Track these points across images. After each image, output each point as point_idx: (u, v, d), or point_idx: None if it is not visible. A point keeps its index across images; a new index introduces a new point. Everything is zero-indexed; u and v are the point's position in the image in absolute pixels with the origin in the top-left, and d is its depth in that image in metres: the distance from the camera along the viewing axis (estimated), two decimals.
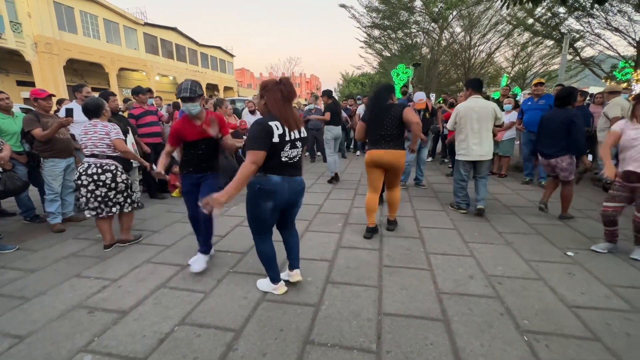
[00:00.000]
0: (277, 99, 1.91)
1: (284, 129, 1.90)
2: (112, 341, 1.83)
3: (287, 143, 1.93)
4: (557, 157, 3.52)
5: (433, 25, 18.70)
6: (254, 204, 2.02)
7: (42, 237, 3.41)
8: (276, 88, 1.91)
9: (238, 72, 51.88)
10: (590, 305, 2.11)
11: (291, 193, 2.05)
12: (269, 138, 1.84)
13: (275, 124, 1.87)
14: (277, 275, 2.27)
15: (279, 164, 1.95)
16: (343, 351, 1.74)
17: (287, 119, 1.92)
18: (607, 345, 1.75)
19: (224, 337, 1.85)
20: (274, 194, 1.97)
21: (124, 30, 21.83)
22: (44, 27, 16.29)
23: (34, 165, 3.52)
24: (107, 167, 2.91)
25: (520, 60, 20.62)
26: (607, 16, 13.49)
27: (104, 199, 2.94)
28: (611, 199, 2.78)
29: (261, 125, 1.85)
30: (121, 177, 2.99)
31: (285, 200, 2.04)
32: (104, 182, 2.89)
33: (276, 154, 1.91)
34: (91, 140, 2.89)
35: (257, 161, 1.84)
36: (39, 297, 2.28)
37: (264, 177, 1.95)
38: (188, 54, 28.41)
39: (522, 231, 3.40)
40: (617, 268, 2.60)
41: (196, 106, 2.49)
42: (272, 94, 1.91)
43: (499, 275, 2.51)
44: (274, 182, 1.95)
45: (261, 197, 1.98)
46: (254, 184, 1.97)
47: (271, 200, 1.98)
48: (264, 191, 1.96)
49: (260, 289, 2.32)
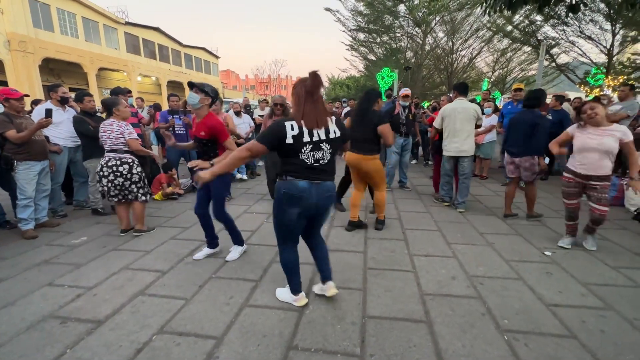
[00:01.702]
0: (300, 96, 1.80)
1: (302, 129, 1.77)
2: (86, 353, 1.75)
3: (307, 144, 1.79)
4: (521, 156, 3.66)
5: (417, 30, 19.10)
6: (280, 210, 1.91)
7: (12, 244, 3.24)
8: (300, 84, 1.81)
9: (223, 74, 51.32)
10: (566, 304, 2.17)
11: (319, 199, 1.90)
12: (278, 137, 1.75)
13: (291, 123, 1.76)
14: (299, 286, 2.16)
15: (302, 167, 1.82)
16: (327, 356, 1.72)
17: (308, 117, 1.78)
18: (583, 342, 1.80)
19: (205, 345, 1.80)
20: (300, 200, 1.85)
21: (104, 29, 21.22)
22: (18, 24, 15.63)
23: (7, 168, 3.33)
24: (124, 159, 3.30)
25: (500, 65, 21.29)
26: (581, 25, 14.15)
27: (122, 187, 3.31)
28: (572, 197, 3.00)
29: (276, 124, 1.78)
30: (136, 169, 3.38)
31: (312, 207, 1.90)
32: (122, 173, 3.27)
33: (294, 156, 1.80)
34: (109, 138, 3.25)
35: (252, 151, 1.80)
36: (7, 308, 2.15)
37: (289, 181, 1.84)
38: (171, 55, 27.89)
39: (502, 232, 3.48)
40: (592, 267, 2.69)
41: (195, 98, 2.54)
42: (295, 92, 1.82)
43: (481, 275, 2.55)
44: (300, 187, 1.83)
45: (286, 203, 1.86)
46: (279, 188, 1.87)
47: (297, 207, 1.86)
48: (288, 196, 1.84)
49: (280, 299, 2.21)
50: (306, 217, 1.96)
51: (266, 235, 3.40)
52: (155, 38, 25.87)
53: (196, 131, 2.65)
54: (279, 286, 2.40)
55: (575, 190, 2.96)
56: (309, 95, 1.79)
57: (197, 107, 2.58)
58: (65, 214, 4.08)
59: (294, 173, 1.83)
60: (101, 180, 3.31)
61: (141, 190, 3.42)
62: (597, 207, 2.82)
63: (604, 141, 2.72)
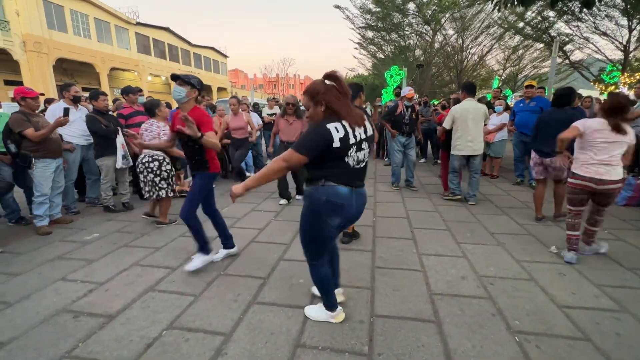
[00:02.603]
0: (338, 96, 1.64)
1: (347, 129, 1.62)
2: (98, 346, 1.78)
3: (353, 146, 1.63)
4: (554, 156, 3.54)
5: (426, 27, 18.90)
6: (317, 220, 1.71)
7: (27, 239, 3.32)
8: (330, 86, 1.65)
9: (232, 73, 51.66)
10: (580, 305, 2.12)
11: (357, 208, 1.76)
12: (323, 144, 1.56)
13: (335, 125, 1.59)
14: (335, 300, 1.98)
15: (345, 171, 1.66)
16: (334, 354, 1.71)
17: (352, 116, 1.65)
18: (596, 345, 1.76)
19: (213, 342, 1.81)
20: (342, 209, 1.69)
21: (116, 29, 21.56)
22: (33, 25, 16.00)
23: (25, 166, 3.41)
24: (156, 157, 3.56)
25: (512, 63, 20.93)
26: (595, 20, 13.79)
27: (153, 183, 3.57)
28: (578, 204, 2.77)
29: (318, 129, 1.58)
30: (166, 166, 3.62)
31: (351, 216, 1.76)
32: (152, 169, 3.54)
33: (342, 160, 1.62)
34: (148, 137, 3.51)
35: (290, 163, 1.59)
36: (22, 302, 2.21)
37: (331, 187, 1.65)
38: (181, 54, 28.20)
39: (513, 232, 3.42)
40: (606, 268, 2.62)
41: (181, 92, 2.38)
42: (331, 94, 1.62)
43: (491, 275, 2.51)
44: (343, 194, 1.66)
45: (328, 213, 1.68)
46: (319, 195, 1.66)
47: (339, 216, 1.70)
48: (332, 205, 1.66)
49: (314, 319, 2.00)
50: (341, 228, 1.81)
51: (273, 233, 3.42)
52: (165, 38, 26.19)
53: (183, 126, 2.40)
54: (286, 284, 2.41)
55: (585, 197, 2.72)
56: (343, 94, 1.65)
57: (184, 101, 2.42)
58: (78, 210, 4.17)
59: (334, 177, 1.65)
60: (139, 175, 3.64)
61: (169, 187, 3.67)
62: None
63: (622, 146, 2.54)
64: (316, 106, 1.64)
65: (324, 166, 1.63)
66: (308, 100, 1.66)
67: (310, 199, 1.70)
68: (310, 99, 1.65)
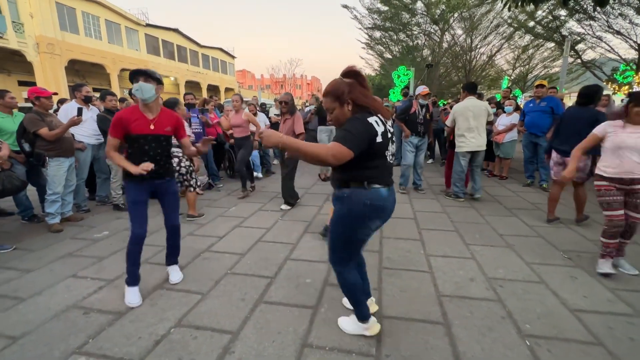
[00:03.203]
0: (363, 92, 1.54)
1: (384, 123, 1.55)
2: (107, 343, 1.80)
3: (389, 140, 1.57)
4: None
5: (434, 27, 18.76)
6: (356, 224, 1.59)
7: (39, 237, 3.39)
8: (353, 83, 1.55)
9: (239, 74, 52.01)
10: (592, 309, 2.07)
11: (393, 207, 1.66)
12: (369, 138, 1.46)
13: (374, 119, 1.49)
14: (367, 310, 1.83)
15: (385, 170, 1.57)
16: (342, 355, 1.71)
17: (383, 110, 1.57)
18: (610, 350, 1.72)
19: (221, 340, 1.82)
20: (384, 211, 1.60)
21: (126, 31, 21.88)
22: (46, 27, 16.33)
23: (39, 164, 3.48)
24: (175, 154, 3.62)
25: (521, 62, 20.66)
26: (609, 19, 13.50)
27: None
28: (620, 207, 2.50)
29: (359, 120, 1.47)
30: (184, 162, 3.71)
31: (387, 216, 1.65)
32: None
33: (380, 157, 1.53)
34: None
35: (337, 158, 1.41)
36: (34, 298, 2.25)
37: (371, 189, 1.54)
38: (189, 55, 28.47)
39: (523, 234, 3.36)
40: (620, 272, 2.56)
41: (151, 89, 2.10)
42: (356, 91, 1.53)
43: (500, 278, 2.47)
44: (383, 195, 1.56)
45: (371, 216, 1.57)
46: (361, 198, 1.54)
47: (380, 219, 1.61)
48: (373, 208, 1.55)
49: (348, 332, 1.87)
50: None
51: (280, 233, 3.42)
52: (174, 39, 26.47)
53: (158, 128, 2.18)
54: (293, 284, 2.41)
55: (619, 198, 2.47)
56: (366, 88, 1.57)
57: (154, 98, 2.15)
58: (89, 209, 4.23)
59: (377, 179, 1.55)
60: None
61: (186, 183, 3.78)
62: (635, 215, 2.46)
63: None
64: (342, 107, 1.54)
65: (365, 166, 1.51)
66: (332, 101, 1.56)
67: (350, 202, 1.57)
68: (335, 100, 1.55)
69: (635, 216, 2.47)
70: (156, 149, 2.20)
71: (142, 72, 2.11)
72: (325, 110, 1.62)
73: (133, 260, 2.22)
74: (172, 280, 2.45)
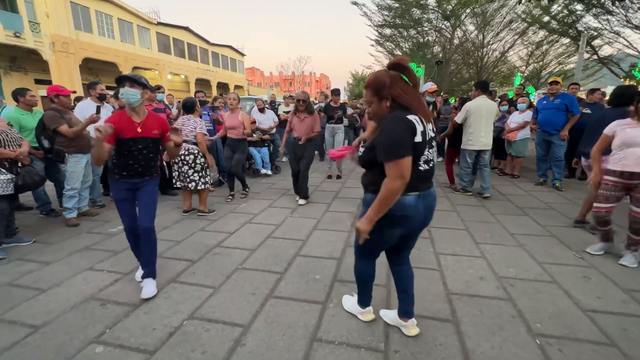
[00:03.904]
0: (406, 88, 1.44)
1: (424, 124, 1.44)
2: (124, 333, 1.87)
3: (427, 143, 1.46)
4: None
5: (446, 23, 18.47)
6: (376, 230, 1.53)
7: (57, 230, 3.50)
8: (397, 77, 1.44)
9: (248, 71, 52.29)
10: (606, 310, 2.04)
11: (426, 213, 1.57)
12: (412, 138, 1.37)
13: (415, 117, 1.39)
14: (369, 300, 1.93)
15: (416, 176, 1.44)
16: (350, 349, 1.73)
17: (425, 110, 1.46)
18: (623, 351, 1.70)
19: (232, 333, 1.86)
20: (406, 221, 1.52)
21: (138, 29, 22.19)
22: (61, 26, 16.69)
23: (59, 160, 3.58)
24: (192, 150, 3.81)
25: (535, 59, 20.17)
26: (627, 13, 13.06)
27: (185, 175, 3.83)
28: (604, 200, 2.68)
29: (402, 120, 1.37)
30: (200, 159, 3.86)
31: (417, 225, 1.58)
32: (187, 162, 3.81)
33: (415, 161, 1.42)
34: (184, 131, 3.72)
35: (405, 174, 1.33)
36: (54, 289, 2.34)
37: None
38: (199, 53, 28.72)
39: (535, 233, 3.32)
40: (634, 272, 2.51)
41: (136, 94, 2.15)
42: (398, 86, 1.42)
43: (511, 277, 2.46)
44: (407, 204, 1.47)
45: (389, 225, 1.53)
46: None
47: (401, 228, 1.55)
48: (395, 218, 1.49)
49: (346, 308, 2.04)
50: (404, 236, 1.63)
51: (290, 230, 3.46)
52: (185, 37, 26.74)
53: (145, 131, 2.23)
54: (303, 279, 2.44)
55: (615, 193, 2.64)
56: (412, 85, 1.46)
57: (139, 103, 2.19)
58: (104, 204, 4.35)
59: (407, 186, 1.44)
60: (173, 166, 3.90)
61: (202, 180, 3.90)
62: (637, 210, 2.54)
63: None
64: (381, 102, 1.45)
65: None
66: (371, 95, 1.47)
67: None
68: (374, 94, 1.46)
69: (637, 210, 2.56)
70: (142, 150, 2.25)
71: (128, 78, 2.15)
72: (366, 103, 1.54)
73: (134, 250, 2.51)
74: (142, 294, 2.18)
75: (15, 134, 3.13)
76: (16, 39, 14.58)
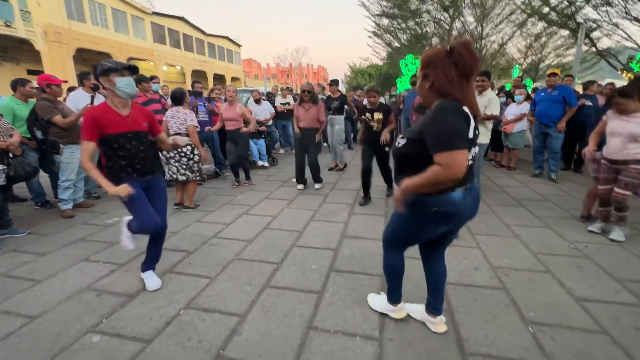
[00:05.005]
0: (451, 77, 1.30)
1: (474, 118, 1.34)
2: (120, 322, 1.87)
3: (474, 139, 1.37)
4: None
5: (444, 14, 18.28)
6: (419, 225, 1.49)
7: (52, 222, 3.48)
8: (447, 61, 1.31)
9: (245, 63, 51.64)
10: (598, 299, 2.07)
11: (473, 208, 1.47)
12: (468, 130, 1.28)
13: (468, 110, 1.31)
14: (400, 296, 1.84)
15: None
16: (346, 337, 1.74)
17: (473, 104, 1.34)
18: (615, 339, 1.72)
19: (229, 322, 1.87)
20: (454, 217, 1.43)
21: (132, 19, 21.77)
22: (53, 16, 16.33)
23: (54, 152, 3.54)
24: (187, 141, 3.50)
25: (534, 51, 20.07)
26: (627, 4, 12.98)
27: (187, 166, 3.74)
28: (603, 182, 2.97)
29: (459, 112, 1.27)
30: (196, 150, 3.79)
31: (465, 219, 1.49)
32: (186, 154, 3.72)
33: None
34: (175, 123, 3.70)
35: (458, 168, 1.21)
36: (49, 280, 2.33)
37: (442, 196, 1.37)
38: (195, 44, 28.29)
39: (530, 224, 3.34)
40: (627, 262, 2.54)
41: (134, 84, 1.99)
42: (441, 71, 1.31)
43: (506, 267, 2.48)
44: (457, 201, 1.38)
45: (435, 222, 1.45)
46: (427, 205, 1.39)
47: (447, 225, 1.47)
48: (443, 215, 1.41)
49: (374, 308, 1.94)
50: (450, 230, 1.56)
51: (286, 221, 3.46)
52: (180, 27, 26.29)
53: (135, 125, 2.03)
54: (299, 269, 2.44)
55: (607, 175, 2.94)
56: (463, 77, 1.31)
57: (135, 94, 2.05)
58: (99, 195, 4.32)
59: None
60: (168, 161, 3.73)
61: (197, 173, 3.86)
62: (617, 190, 2.83)
63: (629, 127, 2.74)
64: (424, 79, 1.37)
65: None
66: (420, 71, 1.40)
67: (414, 207, 1.43)
68: (421, 69, 1.38)
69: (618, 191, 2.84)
70: (138, 146, 2.05)
71: (128, 67, 1.96)
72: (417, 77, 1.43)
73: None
74: (150, 287, 2.19)
75: (6, 124, 3.08)
76: (7, 29, 14.26)
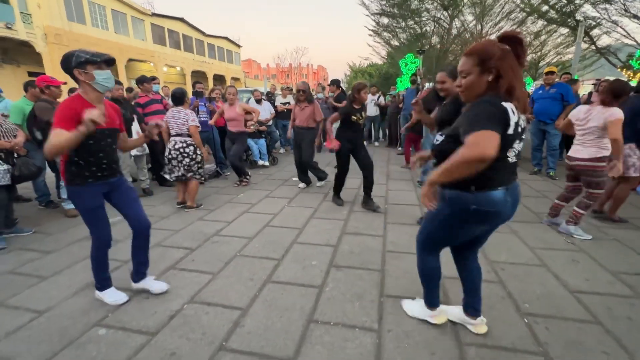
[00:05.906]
0: (516, 69, 1.26)
1: (518, 114, 1.27)
2: (125, 317, 1.92)
3: (519, 135, 1.30)
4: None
5: (444, 13, 18.31)
6: (454, 226, 1.46)
7: (56, 221, 3.53)
8: (507, 52, 1.25)
9: (245, 63, 51.71)
10: (592, 291, 2.12)
11: (513, 208, 1.42)
12: (505, 125, 1.22)
13: (510, 106, 1.23)
14: (437, 300, 1.79)
15: (504, 170, 1.32)
16: (345, 329, 1.79)
17: (525, 98, 1.30)
18: (607, 328, 1.77)
19: (231, 315, 1.92)
20: (493, 217, 1.38)
21: (132, 20, 21.85)
22: (54, 18, 16.41)
23: None
24: (190, 142, 3.76)
25: (533, 49, 20.08)
26: (626, 2, 13.00)
27: (189, 167, 3.74)
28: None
29: (496, 106, 1.21)
30: (199, 150, 3.83)
31: (503, 220, 1.43)
32: (188, 154, 3.74)
33: (505, 155, 1.29)
34: (177, 124, 3.72)
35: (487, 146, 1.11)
36: (55, 277, 2.39)
37: (483, 194, 1.32)
38: (195, 45, 28.35)
39: (527, 220, 3.39)
40: (622, 256, 2.59)
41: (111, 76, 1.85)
42: (507, 62, 1.24)
43: (502, 261, 2.52)
44: (496, 200, 1.32)
45: (472, 221, 1.41)
46: (466, 203, 1.35)
47: (486, 224, 1.43)
48: (480, 214, 1.35)
49: (411, 315, 1.87)
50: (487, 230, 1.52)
51: (287, 218, 3.51)
52: (180, 28, 26.35)
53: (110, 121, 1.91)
54: (300, 265, 2.49)
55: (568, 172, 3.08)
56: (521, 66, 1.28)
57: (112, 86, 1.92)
58: None
59: (490, 181, 1.31)
60: (170, 162, 3.75)
61: (199, 171, 3.86)
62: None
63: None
64: (482, 74, 1.27)
65: None
66: (472, 64, 1.29)
67: (453, 205, 1.39)
68: (477, 64, 1.27)
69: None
70: (112, 144, 1.94)
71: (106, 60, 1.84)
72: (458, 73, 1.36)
73: (103, 266, 2.02)
74: (154, 290, 2.13)
75: (11, 125, 3.14)
76: (8, 31, 14.34)
